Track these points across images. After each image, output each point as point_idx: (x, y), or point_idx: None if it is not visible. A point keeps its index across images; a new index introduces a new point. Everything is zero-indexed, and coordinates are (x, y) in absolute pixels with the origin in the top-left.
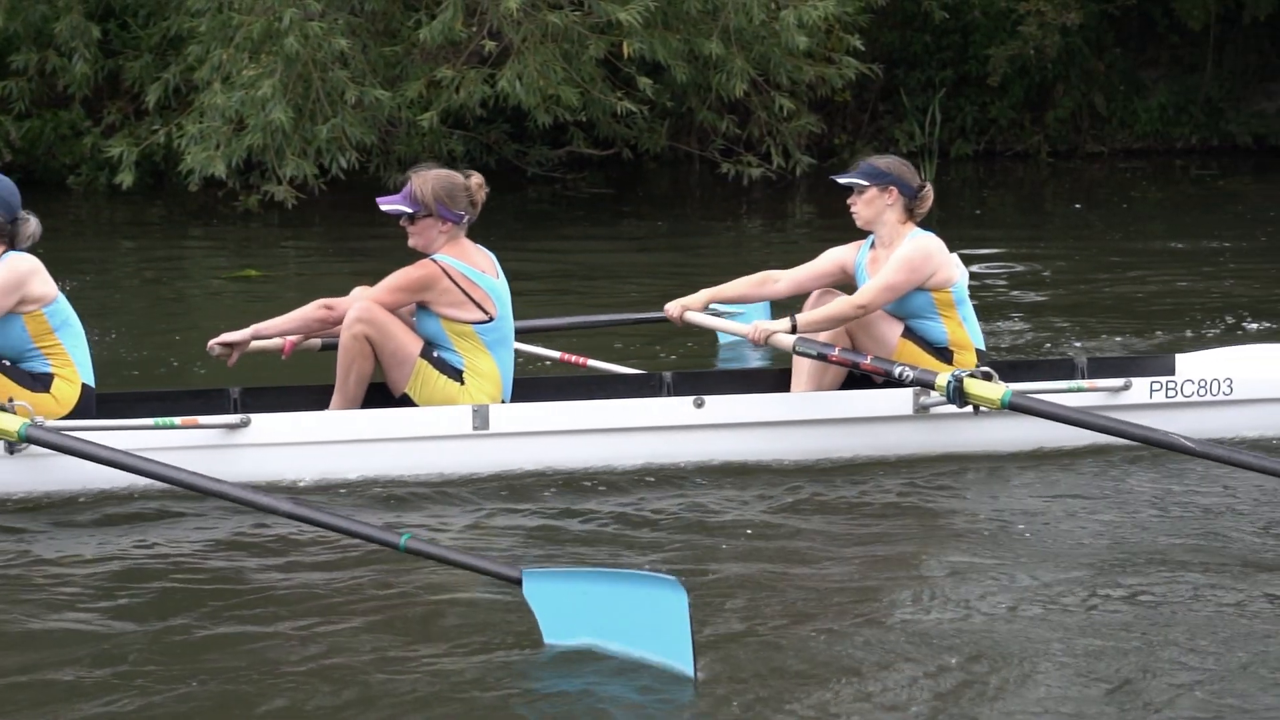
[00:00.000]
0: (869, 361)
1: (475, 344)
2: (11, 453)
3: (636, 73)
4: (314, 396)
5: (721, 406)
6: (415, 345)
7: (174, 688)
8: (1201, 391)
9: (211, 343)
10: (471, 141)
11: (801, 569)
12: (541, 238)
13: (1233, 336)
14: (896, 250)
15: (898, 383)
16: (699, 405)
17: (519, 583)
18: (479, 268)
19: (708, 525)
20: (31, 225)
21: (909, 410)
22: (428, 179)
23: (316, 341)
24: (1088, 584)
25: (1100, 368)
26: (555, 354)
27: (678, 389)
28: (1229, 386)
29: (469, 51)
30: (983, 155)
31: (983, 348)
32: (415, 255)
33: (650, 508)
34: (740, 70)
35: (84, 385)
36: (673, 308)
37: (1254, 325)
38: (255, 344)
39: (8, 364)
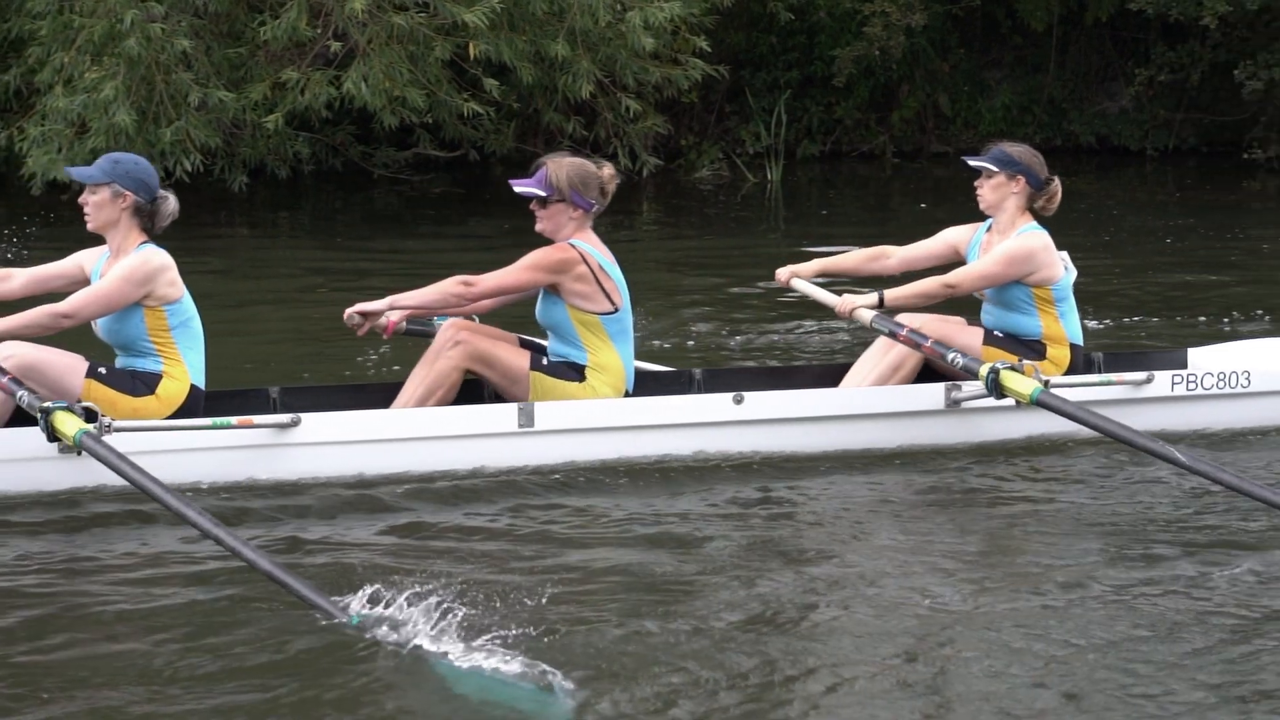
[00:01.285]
0: (929, 344)
1: (600, 336)
2: (79, 453)
3: (483, 74)
4: (352, 396)
5: (760, 403)
6: (523, 359)
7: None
8: (1220, 384)
9: (350, 311)
10: (317, 143)
11: (833, 566)
12: (389, 239)
13: (1236, 332)
14: (1003, 243)
15: (949, 368)
16: (738, 401)
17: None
18: (607, 257)
19: (744, 519)
20: (170, 204)
21: (941, 405)
22: (562, 165)
23: (403, 324)
24: (1029, 583)
25: (1116, 362)
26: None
27: (708, 385)
28: (1247, 379)
29: (314, 53)
30: (829, 156)
31: (1080, 343)
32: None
33: (691, 502)
34: (586, 71)
35: (193, 386)
36: (783, 272)
37: (1095, 323)
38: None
39: (104, 371)
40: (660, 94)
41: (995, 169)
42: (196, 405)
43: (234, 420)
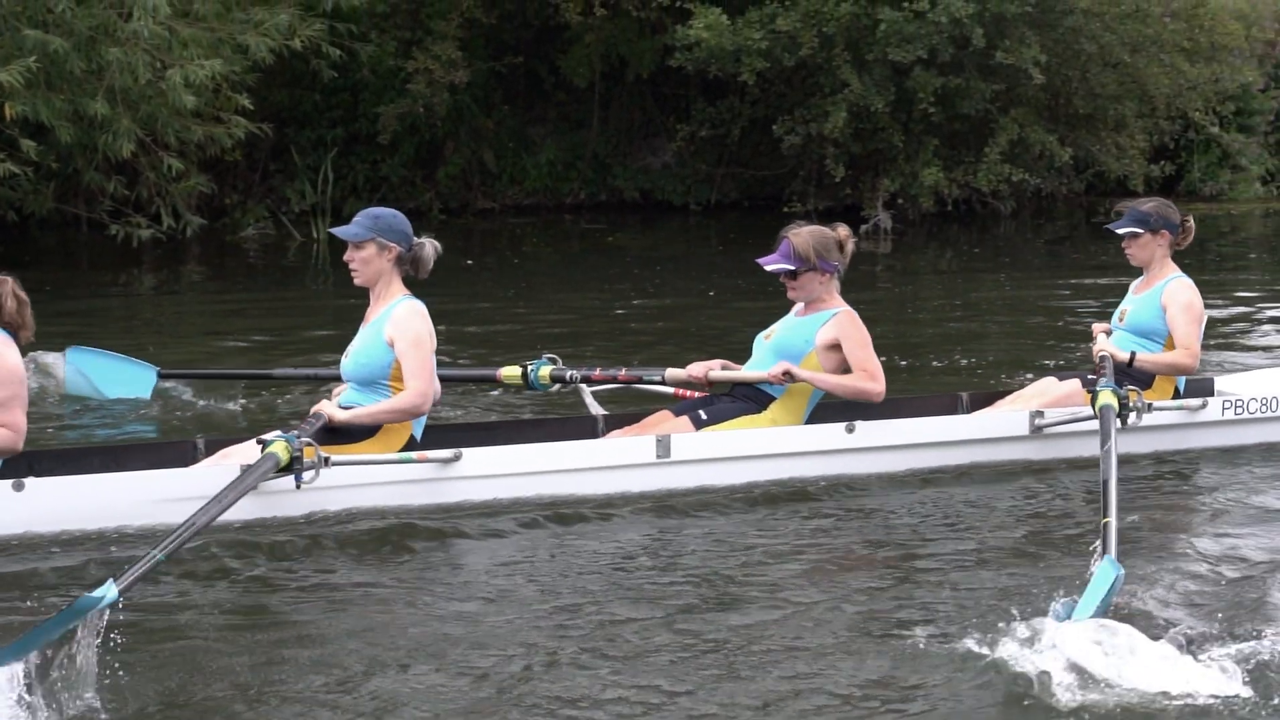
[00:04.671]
0: (1104, 373)
1: (810, 393)
2: (298, 485)
3: (19, 134)
4: (486, 434)
5: (870, 431)
6: (686, 426)
7: None
8: (1264, 408)
9: (776, 370)
10: None
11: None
12: None
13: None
14: (1178, 299)
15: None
16: (850, 430)
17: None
18: None
19: (848, 537)
20: (428, 249)
21: (1026, 430)
22: (804, 235)
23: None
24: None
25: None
26: (669, 389)
27: (824, 416)
28: None
29: None
30: None
31: (1181, 390)
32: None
33: (800, 523)
34: (127, 130)
35: (411, 435)
36: (1098, 326)
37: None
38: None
39: (308, 433)
40: (203, 152)
41: (1140, 230)
42: (412, 449)
43: (414, 455)
